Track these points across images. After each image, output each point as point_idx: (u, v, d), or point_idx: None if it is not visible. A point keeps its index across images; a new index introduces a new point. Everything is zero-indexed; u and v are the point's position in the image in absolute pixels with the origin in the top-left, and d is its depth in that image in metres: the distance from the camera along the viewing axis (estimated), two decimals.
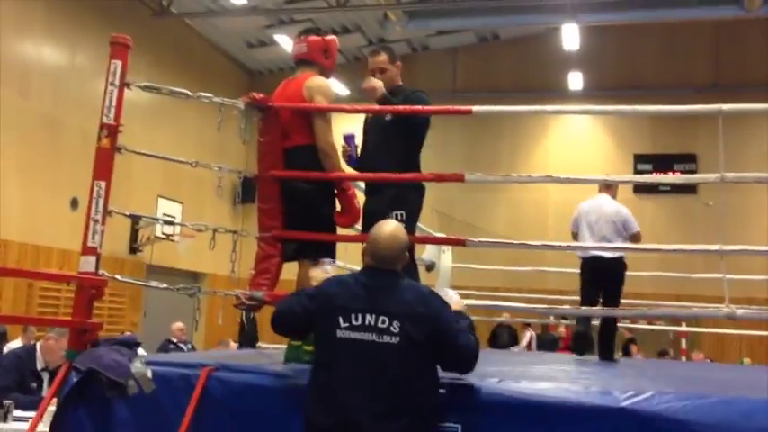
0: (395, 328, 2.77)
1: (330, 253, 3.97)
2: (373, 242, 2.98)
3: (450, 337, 2.85)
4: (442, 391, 2.96)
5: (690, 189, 14.11)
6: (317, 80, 3.95)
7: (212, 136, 10.44)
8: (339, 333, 2.82)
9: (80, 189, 10.20)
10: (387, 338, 2.77)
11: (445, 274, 7.84)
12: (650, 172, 14.59)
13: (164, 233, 12.19)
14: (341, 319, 2.82)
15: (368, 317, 2.80)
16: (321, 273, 3.61)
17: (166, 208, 12.51)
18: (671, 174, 14.30)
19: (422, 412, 2.80)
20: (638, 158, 14.86)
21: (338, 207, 3.98)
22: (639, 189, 14.21)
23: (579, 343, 6.37)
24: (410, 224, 3.86)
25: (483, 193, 14.76)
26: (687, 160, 14.39)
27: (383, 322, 2.78)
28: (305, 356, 3.61)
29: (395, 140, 3.99)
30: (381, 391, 2.75)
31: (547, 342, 11.94)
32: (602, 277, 6.10)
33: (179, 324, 9.38)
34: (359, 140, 4.26)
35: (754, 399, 2.92)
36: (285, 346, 3.74)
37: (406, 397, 2.76)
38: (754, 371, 6.90)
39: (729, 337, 10.56)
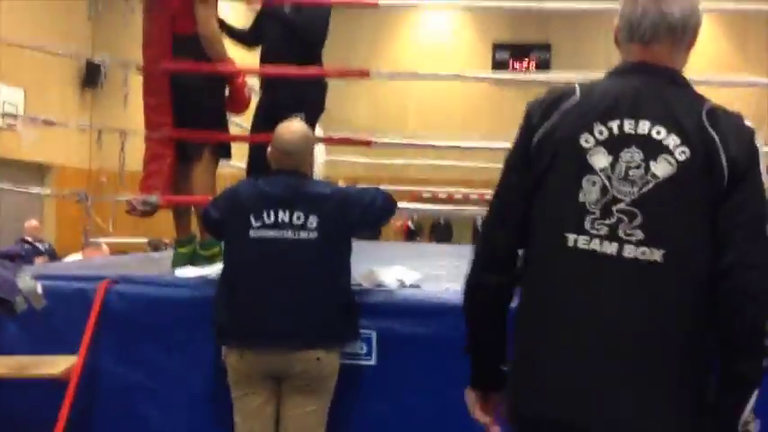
0: (311, 224, 2.71)
1: (226, 152, 3.78)
2: (278, 142, 2.87)
3: (362, 198, 2.87)
4: (355, 295, 2.95)
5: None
6: None
7: (57, 13, 9.52)
8: (252, 233, 2.72)
9: None
10: (303, 235, 2.71)
11: (318, 166, 7.78)
12: (508, 60, 14.93)
13: (6, 123, 11.21)
14: (252, 219, 2.72)
15: (281, 214, 2.72)
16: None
17: (6, 94, 11.46)
18: (526, 62, 14.78)
19: (342, 312, 2.80)
20: (497, 47, 15.08)
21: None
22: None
23: None
24: (310, 126, 3.71)
25: (341, 83, 14.53)
26: (543, 49, 14.78)
27: (298, 218, 2.71)
28: (201, 261, 3.48)
29: (295, 35, 3.75)
30: (300, 290, 2.70)
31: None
32: None
33: (33, 222, 8.79)
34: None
35: None
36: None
37: (325, 296, 2.73)
38: None
39: None
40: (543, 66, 14.68)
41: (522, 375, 1.63)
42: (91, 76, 12.18)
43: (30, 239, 8.67)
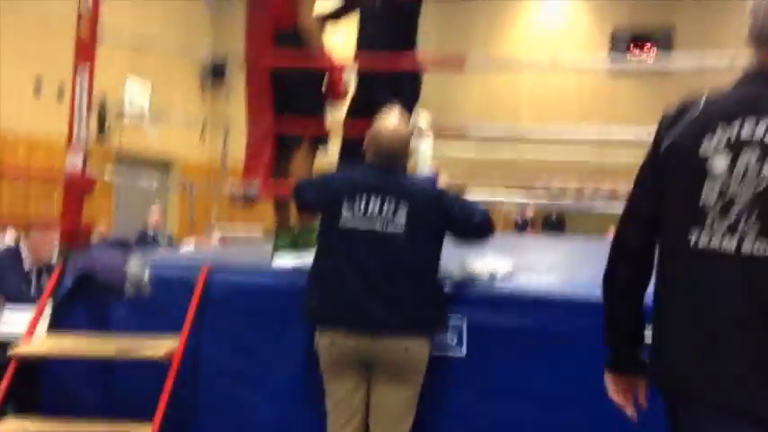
0: (400, 217, 2.75)
1: (323, 141, 3.86)
2: (375, 138, 2.89)
3: (458, 207, 2.86)
4: (446, 286, 2.97)
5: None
6: None
7: (177, 7, 9.88)
8: (341, 222, 2.79)
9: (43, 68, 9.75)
10: (391, 228, 2.76)
11: (424, 160, 7.79)
12: (627, 49, 14.38)
13: (132, 121, 11.85)
14: (344, 207, 2.79)
15: (371, 204, 2.78)
16: None
17: (133, 91, 12.10)
18: (646, 51, 14.18)
19: (430, 303, 2.82)
20: (616, 35, 14.56)
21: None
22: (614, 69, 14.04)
23: None
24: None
25: (455, 73, 14.46)
26: (665, 37, 14.15)
27: (388, 210, 2.76)
28: (299, 250, 3.55)
29: (389, 27, 3.76)
30: (387, 281, 2.74)
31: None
32: None
33: (155, 213, 9.24)
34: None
35: None
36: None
37: (413, 287, 2.77)
38: None
39: None
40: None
41: (659, 356, 1.79)
42: (208, 74, 12.66)
43: (152, 230, 9.12)
